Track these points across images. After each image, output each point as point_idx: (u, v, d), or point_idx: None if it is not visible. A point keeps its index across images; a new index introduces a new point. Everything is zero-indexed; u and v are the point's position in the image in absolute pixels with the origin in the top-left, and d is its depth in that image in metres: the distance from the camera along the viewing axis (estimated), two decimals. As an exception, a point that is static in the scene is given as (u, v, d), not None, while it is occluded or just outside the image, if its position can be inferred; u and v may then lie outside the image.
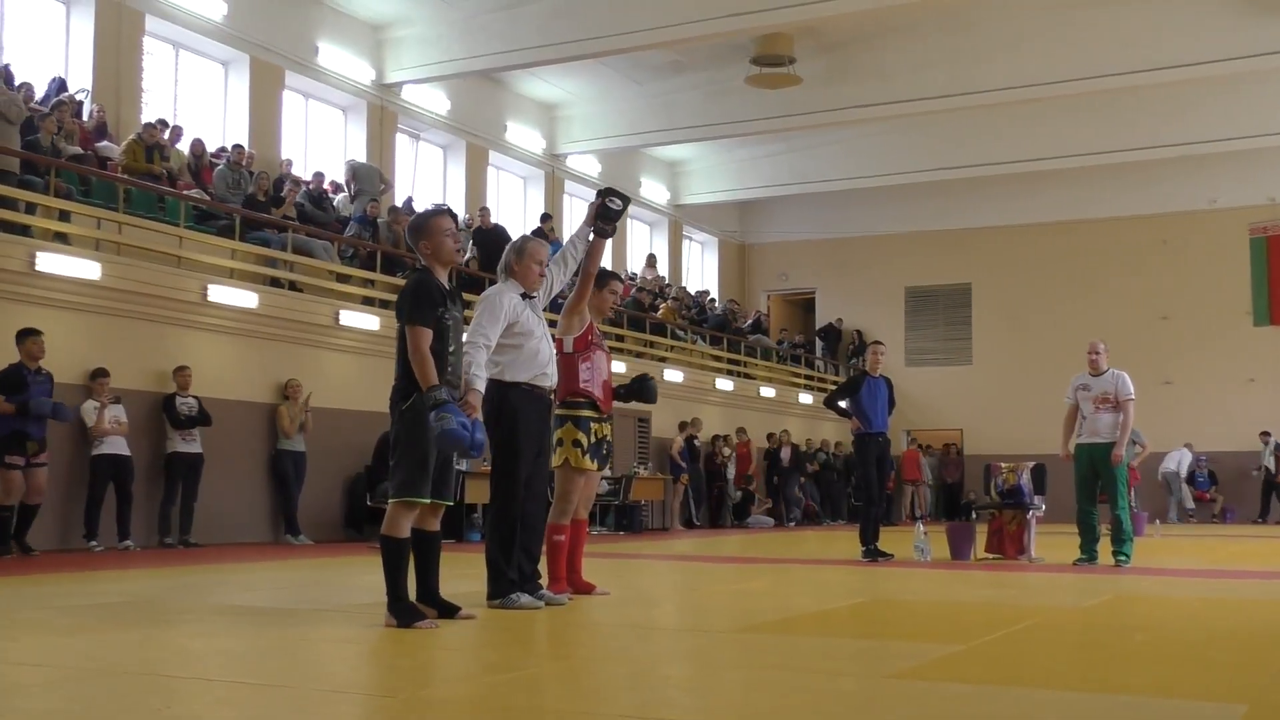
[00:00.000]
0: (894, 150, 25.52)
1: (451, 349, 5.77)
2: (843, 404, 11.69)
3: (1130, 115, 23.23)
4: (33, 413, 11.04)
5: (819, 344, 29.55)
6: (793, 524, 22.67)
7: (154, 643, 5.41)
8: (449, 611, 5.89)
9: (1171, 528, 21.08)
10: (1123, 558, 10.49)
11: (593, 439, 6.99)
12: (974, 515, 13.10)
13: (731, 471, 22.19)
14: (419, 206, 19.89)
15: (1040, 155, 24.44)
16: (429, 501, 5.78)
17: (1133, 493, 18.82)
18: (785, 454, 22.90)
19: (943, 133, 24.74)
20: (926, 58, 21.00)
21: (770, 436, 23.75)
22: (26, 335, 11.08)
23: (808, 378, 27.46)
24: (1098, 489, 10.77)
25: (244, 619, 6.42)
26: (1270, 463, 24.28)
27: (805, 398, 26.25)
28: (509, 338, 6.34)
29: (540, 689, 4.38)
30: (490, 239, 17.64)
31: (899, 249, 28.92)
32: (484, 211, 19.16)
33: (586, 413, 6.99)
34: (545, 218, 21.04)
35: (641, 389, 7.50)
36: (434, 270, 5.84)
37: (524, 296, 6.45)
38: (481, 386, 6.03)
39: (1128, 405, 10.58)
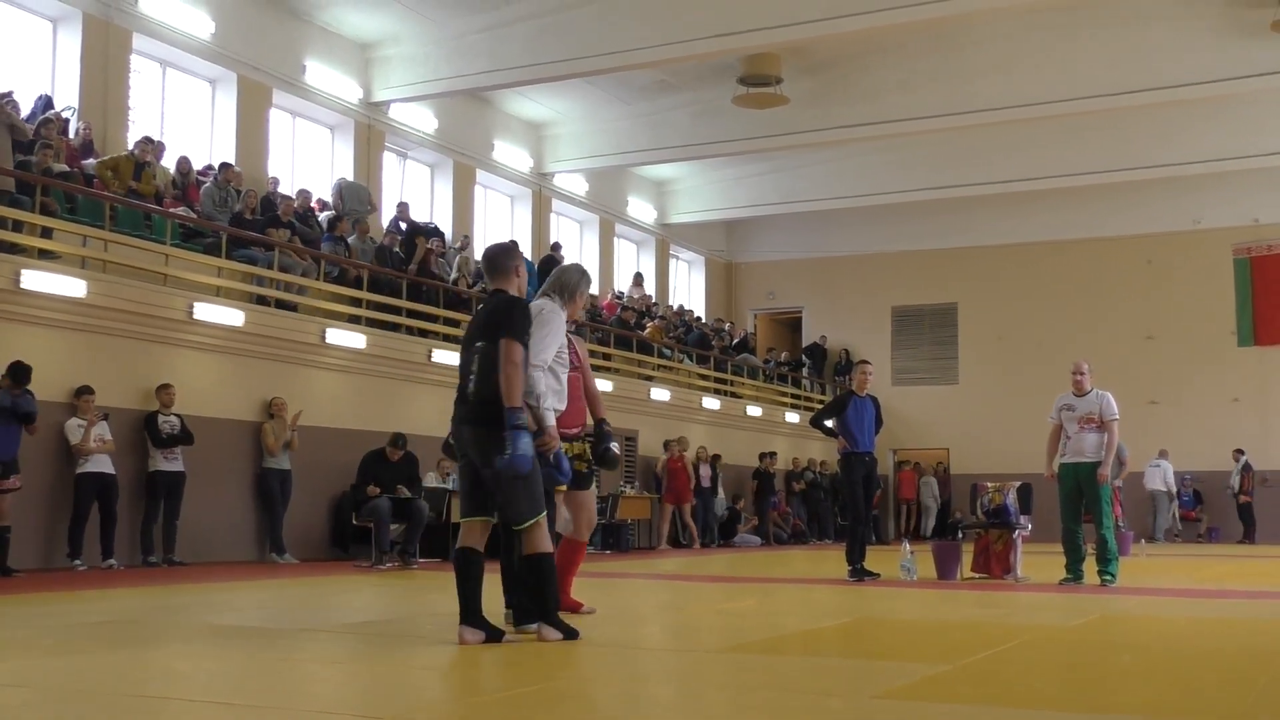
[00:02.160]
0: (881, 170, 25.60)
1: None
2: (829, 423, 11.63)
3: (1115, 136, 23.35)
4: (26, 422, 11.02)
5: (805, 363, 29.58)
6: (760, 543, 22.54)
7: (138, 663, 5.38)
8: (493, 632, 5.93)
9: (1158, 547, 21.12)
10: (1108, 577, 10.50)
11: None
12: (960, 535, 13.10)
13: (720, 491, 22.17)
14: (405, 225, 19.90)
15: (1026, 176, 24.54)
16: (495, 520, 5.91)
17: (1119, 510, 18.89)
18: (705, 471, 21.37)
19: (929, 153, 24.84)
20: (914, 78, 21.10)
21: (759, 456, 23.71)
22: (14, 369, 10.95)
23: (795, 396, 27.47)
24: (1082, 508, 10.79)
25: (229, 639, 6.39)
26: (1236, 482, 24.35)
27: (792, 416, 26.26)
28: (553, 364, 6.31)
29: (527, 710, 4.37)
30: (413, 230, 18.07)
31: (885, 268, 28.99)
32: (404, 206, 19.35)
33: None
34: (556, 247, 21.30)
35: (602, 458, 7.14)
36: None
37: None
38: (553, 420, 6.08)
39: (1112, 425, 10.60)
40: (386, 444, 13.95)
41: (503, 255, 6.15)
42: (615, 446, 7.20)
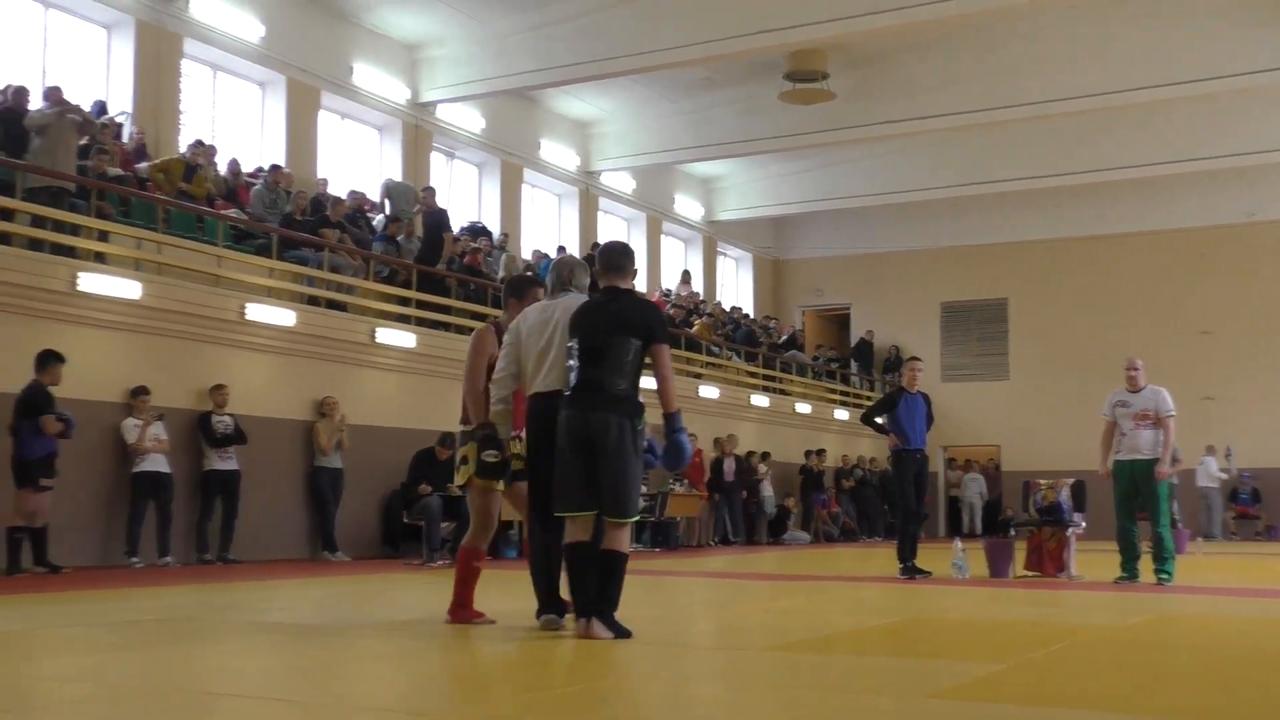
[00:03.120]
0: (928, 165, 25.42)
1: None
2: (880, 420, 11.60)
3: (1166, 128, 23.05)
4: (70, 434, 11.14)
5: (854, 360, 29.43)
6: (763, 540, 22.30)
7: (195, 659, 5.45)
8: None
9: (1215, 545, 20.83)
10: (1164, 576, 10.36)
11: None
12: (1013, 532, 12.99)
13: (768, 489, 22.07)
14: (454, 225, 20.00)
15: (1076, 169, 24.27)
16: None
17: (1175, 507, 18.62)
18: (729, 466, 20.62)
19: (977, 147, 24.64)
20: (960, 73, 20.94)
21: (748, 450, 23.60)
22: (50, 360, 10.93)
23: (843, 393, 27.36)
24: (1137, 506, 10.66)
25: (283, 636, 6.46)
26: None
27: (841, 413, 26.14)
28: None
29: (574, 709, 4.38)
30: (435, 222, 17.29)
31: (934, 264, 28.79)
32: (428, 191, 18.05)
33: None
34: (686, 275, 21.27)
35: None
36: None
37: None
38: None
39: (1168, 421, 10.46)
40: (435, 443, 14.03)
41: (624, 255, 6.35)
42: None
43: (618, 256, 6.31)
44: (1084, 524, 11.51)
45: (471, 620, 6.55)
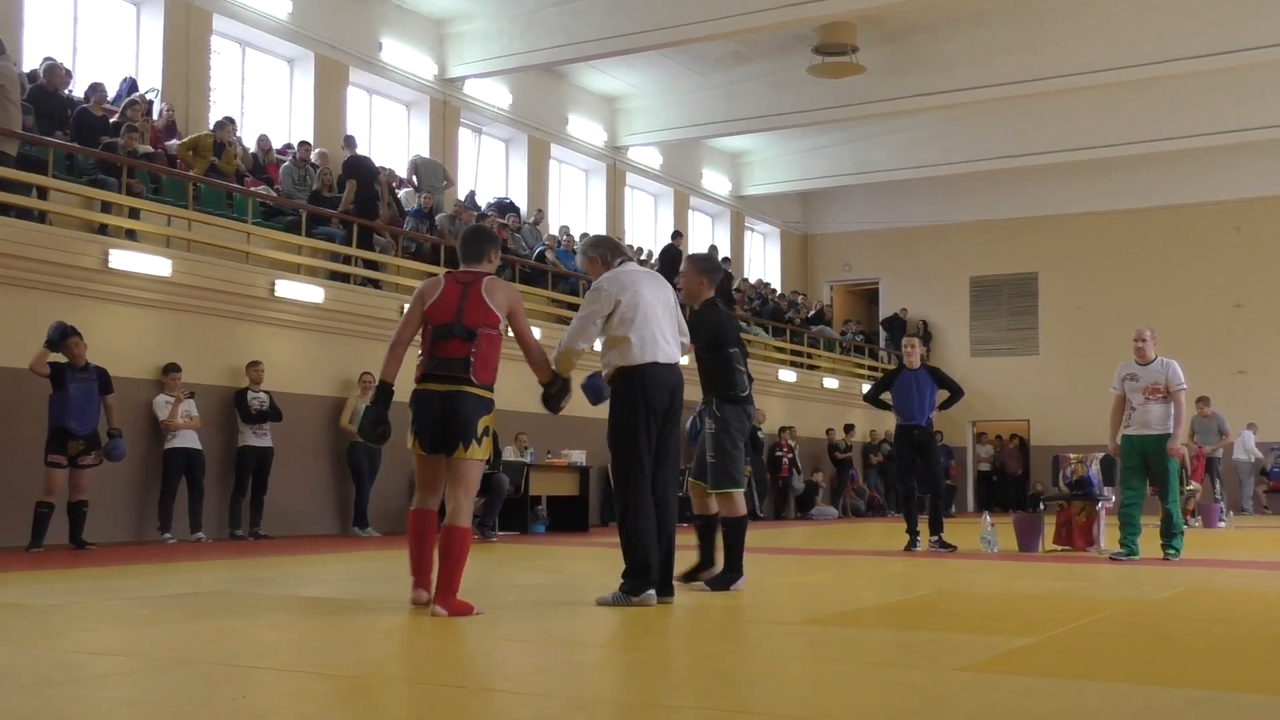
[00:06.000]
0: (957, 139, 25.22)
1: None
2: (883, 397, 11.93)
3: (1200, 99, 22.77)
4: (110, 460, 11.22)
5: (883, 334, 29.32)
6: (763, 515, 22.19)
7: (229, 633, 5.50)
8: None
9: (1246, 519, 20.69)
10: (1172, 551, 10.00)
11: None
12: (1042, 506, 12.95)
13: (798, 465, 22.08)
14: (481, 201, 20.03)
15: (1107, 142, 24.02)
16: None
17: (1210, 482, 18.48)
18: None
19: (1007, 121, 24.43)
20: (990, 45, 20.73)
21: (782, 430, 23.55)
22: (69, 334, 10.92)
23: (871, 369, 27.27)
24: (1147, 481, 10.26)
25: (316, 610, 6.51)
26: None
27: (868, 389, 26.04)
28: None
29: (605, 680, 4.40)
30: (364, 169, 16.13)
31: (963, 238, 28.61)
32: (350, 140, 16.83)
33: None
34: (676, 235, 21.25)
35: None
36: None
37: None
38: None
39: (1179, 395, 10.02)
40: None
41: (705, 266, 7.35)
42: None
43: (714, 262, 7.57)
44: (1114, 498, 11.44)
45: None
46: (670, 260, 20.52)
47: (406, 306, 6.37)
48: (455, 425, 5.86)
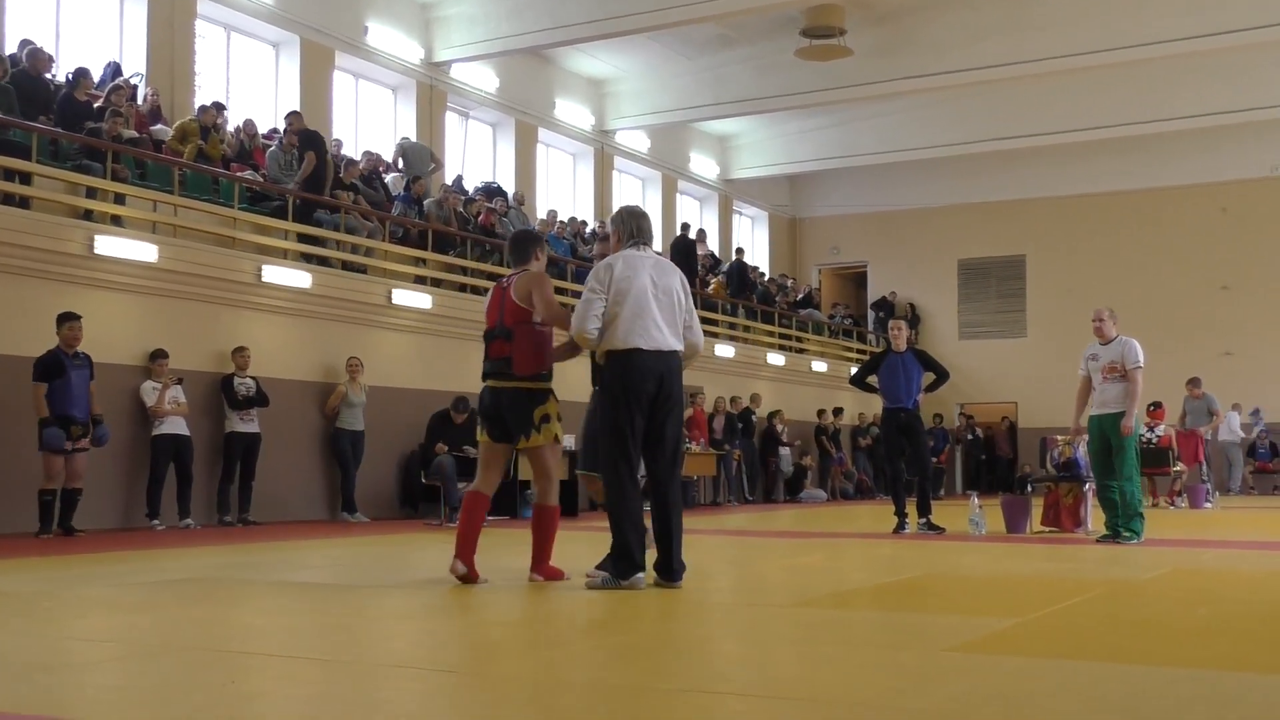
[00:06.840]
0: (946, 121, 25.22)
1: None
2: (869, 381, 11.98)
3: (1187, 81, 22.80)
4: (96, 445, 11.21)
5: (871, 317, 29.36)
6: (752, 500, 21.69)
7: (218, 619, 5.50)
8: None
9: (1234, 499, 20.79)
10: (1128, 534, 9.67)
11: None
12: (1029, 488, 13.00)
13: (787, 448, 22.10)
14: (469, 185, 19.97)
15: (1095, 124, 24.04)
16: None
17: (1204, 467, 18.54)
18: (719, 424, 20.32)
19: (995, 103, 24.43)
20: (978, 28, 20.72)
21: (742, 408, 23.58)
22: (65, 320, 10.97)
23: (860, 352, 27.31)
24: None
25: (305, 595, 6.51)
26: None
27: (855, 372, 26.09)
28: None
29: (596, 664, 4.41)
30: (319, 141, 15.66)
31: (951, 221, 28.63)
32: (296, 115, 15.84)
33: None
34: (685, 227, 21.80)
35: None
36: None
37: None
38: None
39: (1135, 373, 9.82)
40: (450, 408, 14.07)
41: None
42: None
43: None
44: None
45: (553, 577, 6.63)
46: (684, 253, 20.62)
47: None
48: (511, 419, 6.50)
